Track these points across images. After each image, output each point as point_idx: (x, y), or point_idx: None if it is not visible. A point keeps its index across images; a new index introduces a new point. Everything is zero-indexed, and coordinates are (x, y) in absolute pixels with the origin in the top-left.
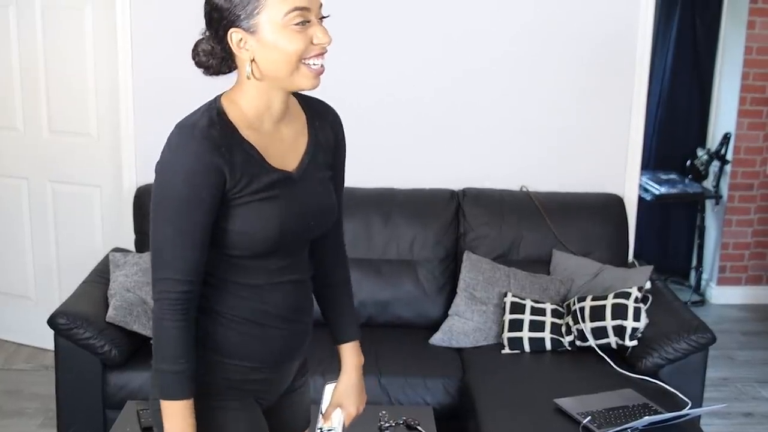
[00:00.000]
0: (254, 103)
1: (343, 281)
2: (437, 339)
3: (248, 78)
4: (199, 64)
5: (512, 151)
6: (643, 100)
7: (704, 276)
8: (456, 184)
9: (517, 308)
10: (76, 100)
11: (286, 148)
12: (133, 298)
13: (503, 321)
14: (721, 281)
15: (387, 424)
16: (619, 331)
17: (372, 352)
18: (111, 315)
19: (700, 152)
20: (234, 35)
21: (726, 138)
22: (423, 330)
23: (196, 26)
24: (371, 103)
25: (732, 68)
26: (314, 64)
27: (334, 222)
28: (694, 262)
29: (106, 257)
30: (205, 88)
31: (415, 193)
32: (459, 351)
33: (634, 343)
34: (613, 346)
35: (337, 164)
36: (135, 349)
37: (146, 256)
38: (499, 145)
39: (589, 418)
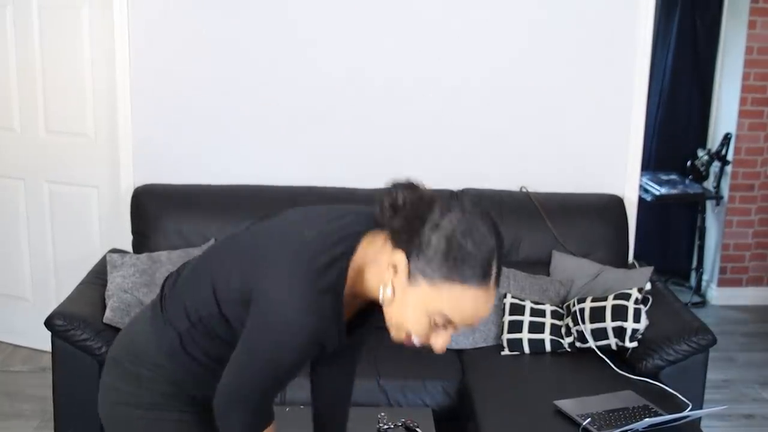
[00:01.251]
0: (364, 292)
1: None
2: None
3: (381, 297)
4: (381, 208)
5: (512, 151)
6: (643, 100)
7: (705, 277)
8: (455, 184)
9: (517, 309)
10: (74, 101)
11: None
12: (130, 299)
13: (502, 322)
14: (722, 282)
15: (386, 426)
16: (619, 332)
17: (371, 353)
18: (108, 316)
19: (700, 153)
20: (398, 257)
21: (726, 138)
22: None
23: (193, 26)
24: (371, 103)
25: (733, 68)
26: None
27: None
28: (695, 263)
29: (104, 258)
30: (203, 89)
31: None
32: (458, 352)
33: (634, 344)
34: (613, 347)
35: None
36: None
37: (143, 257)
38: (499, 145)
39: (589, 419)
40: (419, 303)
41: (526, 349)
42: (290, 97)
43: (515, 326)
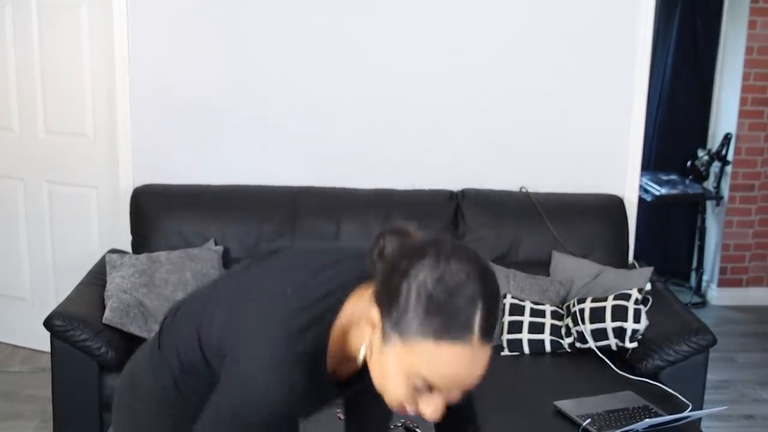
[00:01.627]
0: (350, 355)
1: None
2: None
3: (360, 358)
4: (369, 259)
5: (511, 151)
6: (643, 100)
7: (705, 277)
8: (455, 184)
9: (517, 310)
10: (73, 101)
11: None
12: (129, 300)
13: (502, 323)
14: (722, 283)
15: None
16: (619, 332)
17: None
18: (108, 316)
19: (700, 153)
20: (374, 313)
21: (727, 138)
22: None
23: (192, 24)
24: (370, 103)
25: (733, 68)
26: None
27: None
28: (695, 264)
29: (103, 258)
30: (202, 89)
31: (413, 193)
32: None
33: (634, 345)
34: (613, 348)
35: None
36: (132, 350)
37: (143, 258)
38: (499, 145)
39: (588, 420)
40: (395, 364)
41: (526, 350)
42: (290, 98)
43: (515, 327)
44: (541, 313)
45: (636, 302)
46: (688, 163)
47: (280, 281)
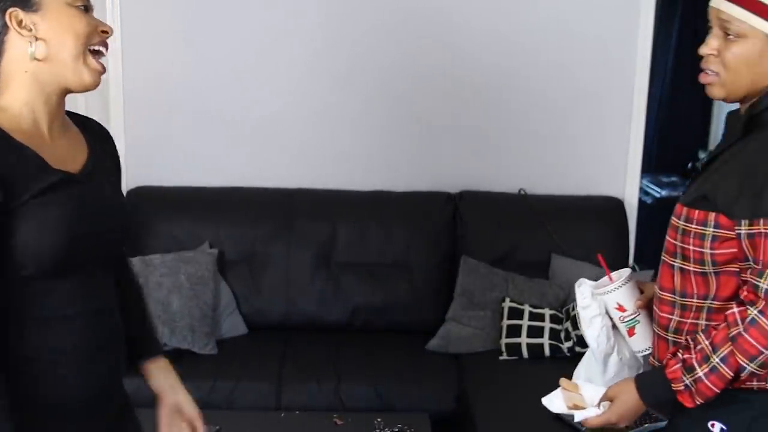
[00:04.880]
0: (27, 105)
1: (126, 282)
2: (434, 345)
3: (31, 59)
4: None
5: (510, 153)
6: (643, 102)
7: None
8: (453, 186)
9: (515, 313)
10: (66, 99)
11: (65, 153)
12: None
13: (501, 326)
14: None
15: None
16: None
17: (367, 357)
18: None
19: (701, 154)
20: (13, 15)
21: None
22: (419, 335)
23: (186, 24)
24: (367, 104)
25: None
26: (99, 54)
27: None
28: None
29: None
30: (196, 90)
31: (411, 195)
32: (456, 357)
33: None
34: None
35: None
36: (126, 353)
37: (136, 261)
38: (497, 147)
39: None
40: (57, 10)
41: (525, 354)
42: (284, 99)
43: (514, 330)
44: (540, 317)
45: None
46: (689, 165)
47: None
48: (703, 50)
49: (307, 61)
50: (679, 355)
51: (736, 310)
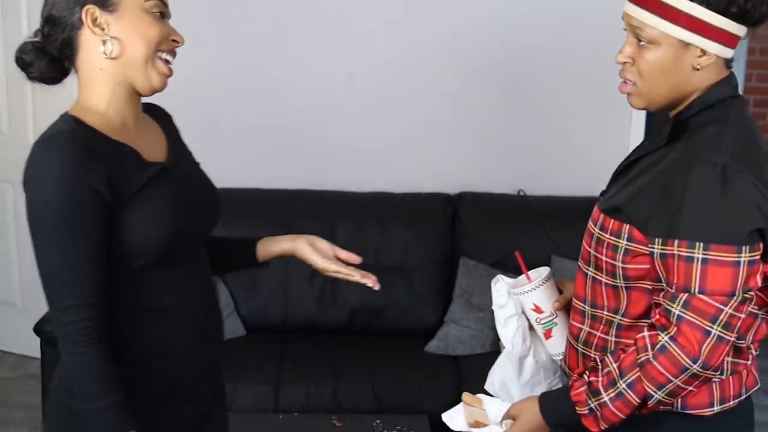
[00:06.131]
0: (111, 102)
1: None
2: (433, 346)
3: (105, 56)
4: (22, 65)
5: (509, 154)
6: None
7: None
8: (452, 187)
9: None
10: (63, 103)
11: (152, 144)
12: None
13: None
14: None
15: None
16: None
17: (366, 359)
18: None
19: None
20: (90, 12)
21: None
22: (418, 337)
23: (183, 27)
24: (366, 105)
25: (734, 69)
26: (167, 62)
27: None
28: None
29: None
30: (196, 92)
31: (410, 196)
32: (455, 359)
33: None
34: None
35: None
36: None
37: None
38: (496, 148)
39: None
40: (133, 13)
41: None
42: (285, 100)
43: None
44: None
45: None
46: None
47: None
48: (618, 58)
49: (306, 63)
50: (585, 377)
51: (646, 334)
